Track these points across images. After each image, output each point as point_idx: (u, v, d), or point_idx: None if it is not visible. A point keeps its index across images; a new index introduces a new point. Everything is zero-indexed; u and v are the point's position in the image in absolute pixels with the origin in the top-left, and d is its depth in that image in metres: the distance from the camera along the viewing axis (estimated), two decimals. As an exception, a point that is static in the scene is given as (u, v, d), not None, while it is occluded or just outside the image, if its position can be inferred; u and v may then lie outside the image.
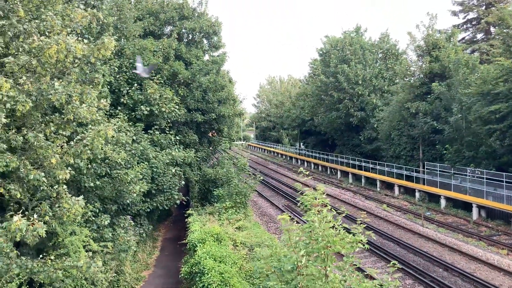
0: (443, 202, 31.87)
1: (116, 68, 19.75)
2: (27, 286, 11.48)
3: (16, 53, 10.31)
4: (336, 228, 6.31)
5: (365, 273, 6.75)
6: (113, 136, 12.54)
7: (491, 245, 22.71)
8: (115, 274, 15.98)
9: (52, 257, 10.99)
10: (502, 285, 17.45)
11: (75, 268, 11.13)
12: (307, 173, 7.62)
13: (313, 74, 60.99)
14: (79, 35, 14.90)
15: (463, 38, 49.30)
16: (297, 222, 6.78)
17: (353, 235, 6.40)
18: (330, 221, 6.34)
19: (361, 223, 6.54)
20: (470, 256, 20.82)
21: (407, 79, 39.96)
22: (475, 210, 28.27)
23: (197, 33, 30.43)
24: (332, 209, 6.59)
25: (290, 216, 6.99)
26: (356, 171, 46.86)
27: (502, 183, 27.08)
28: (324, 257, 6.00)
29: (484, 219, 27.81)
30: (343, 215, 6.77)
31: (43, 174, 10.03)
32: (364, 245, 6.35)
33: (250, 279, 14.57)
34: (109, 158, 13.66)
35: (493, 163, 29.39)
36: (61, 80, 10.69)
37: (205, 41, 31.50)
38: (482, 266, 19.70)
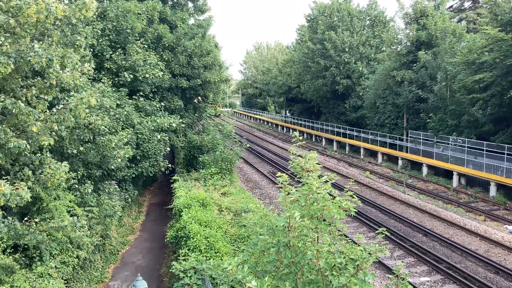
0: (425, 170, 32.52)
1: (99, 31, 19.21)
2: (12, 250, 11.53)
3: (-7, 12, 9.93)
4: (330, 194, 6.44)
5: (348, 238, 6.94)
6: (95, 104, 12.29)
7: (469, 212, 23.41)
8: (101, 238, 16.11)
9: (37, 220, 10.99)
10: (478, 249, 18.11)
11: (60, 229, 11.15)
12: (301, 138, 7.65)
13: (300, 40, 60.33)
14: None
15: (451, 6, 49.05)
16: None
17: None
18: (327, 181, 6.44)
19: (348, 190, 6.66)
20: (449, 222, 21.47)
21: (394, 47, 39.86)
22: (455, 178, 28.94)
23: (182, -5, 29.69)
24: (321, 176, 6.68)
25: (287, 177, 6.96)
26: (340, 138, 47.27)
27: (482, 152, 27.67)
28: (320, 219, 6.12)
29: (464, 186, 28.53)
30: (331, 182, 6.87)
31: (24, 141, 9.81)
32: (352, 212, 6.49)
33: (235, 243, 14.84)
34: (92, 124, 13.50)
35: (475, 132, 29.95)
36: (41, 42, 10.37)
37: (190, 4, 30.77)
38: (460, 232, 20.36)
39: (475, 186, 27.98)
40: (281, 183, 6.74)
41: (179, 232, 14.91)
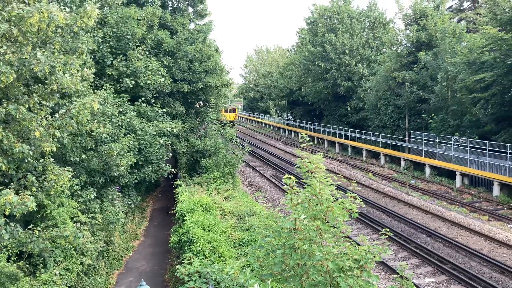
0: (427, 170, 32.46)
1: (99, 39, 19.28)
2: (16, 257, 11.55)
3: (-5, 21, 9.98)
4: (333, 196, 6.45)
5: (351, 240, 6.91)
6: (98, 109, 12.34)
7: (473, 212, 23.34)
8: (105, 245, 16.11)
9: (40, 228, 11.01)
10: (483, 249, 18.04)
11: (62, 238, 11.18)
12: (308, 139, 7.65)
13: (301, 43, 60.44)
14: (60, 2, 14.48)
15: (450, 7, 49.10)
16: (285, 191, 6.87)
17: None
18: (331, 184, 6.45)
19: (351, 192, 6.66)
20: (453, 223, 21.40)
21: (394, 49, 39.88)
22: (458, 178, 28.88)
23: (182, 0, 29.76)
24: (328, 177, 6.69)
25: (294, 179, 6.92)
26: (342, 140, 47.24)
27: (485, 151, 27.61)
28: (323, 220, 6.14)
29: (467, 186, 28.46)
30: (337, 183, 6.88)
31: (27, 146, 9.87)
32: (355, 214, 6.50)
33: (239, 247, 14.82)
34: (94, 131, 13.54)
35: (477, 132, 29.88)
36: (43, 50, 10.42)
37: (190, 9, 30.86)
38: (464, 232, 20.29)
39: (478, 186, 27.91)
40: (288, 184, 6.75)
41: (183, 237, 14.90)
